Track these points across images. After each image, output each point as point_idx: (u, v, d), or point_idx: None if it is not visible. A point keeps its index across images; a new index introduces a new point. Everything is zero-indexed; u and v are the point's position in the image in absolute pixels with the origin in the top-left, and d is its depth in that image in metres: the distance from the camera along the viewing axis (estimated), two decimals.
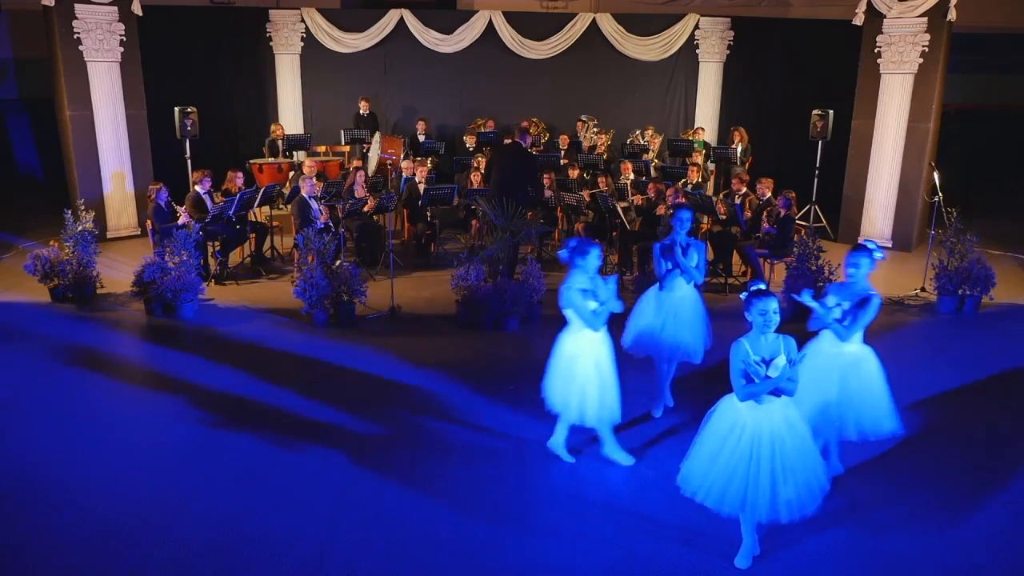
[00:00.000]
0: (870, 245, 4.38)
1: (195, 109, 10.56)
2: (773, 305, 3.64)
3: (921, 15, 9.84)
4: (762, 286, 3.75)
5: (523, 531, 4.13)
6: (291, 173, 11.73)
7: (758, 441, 3.63)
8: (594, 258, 4.60)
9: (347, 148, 12.51)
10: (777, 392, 3.66)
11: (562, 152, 11.78)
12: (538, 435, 5.13)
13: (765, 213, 8.55)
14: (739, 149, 11.55)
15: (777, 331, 3.67)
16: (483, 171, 9.92)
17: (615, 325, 4.82)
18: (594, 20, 13.39)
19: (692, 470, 3.82)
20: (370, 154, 12.64)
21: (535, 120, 13.03)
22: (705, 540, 4.03)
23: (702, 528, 4.08)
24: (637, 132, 12.53)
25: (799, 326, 4.52)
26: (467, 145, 12.16)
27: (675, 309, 5.29)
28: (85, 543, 3.96)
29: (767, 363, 3.62)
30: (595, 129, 12.58)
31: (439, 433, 5.21)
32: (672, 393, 5.64)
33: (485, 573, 3.82)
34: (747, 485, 3.62)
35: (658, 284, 5.39)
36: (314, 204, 8.62)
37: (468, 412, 5.52)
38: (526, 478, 4.68)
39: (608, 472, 4.74)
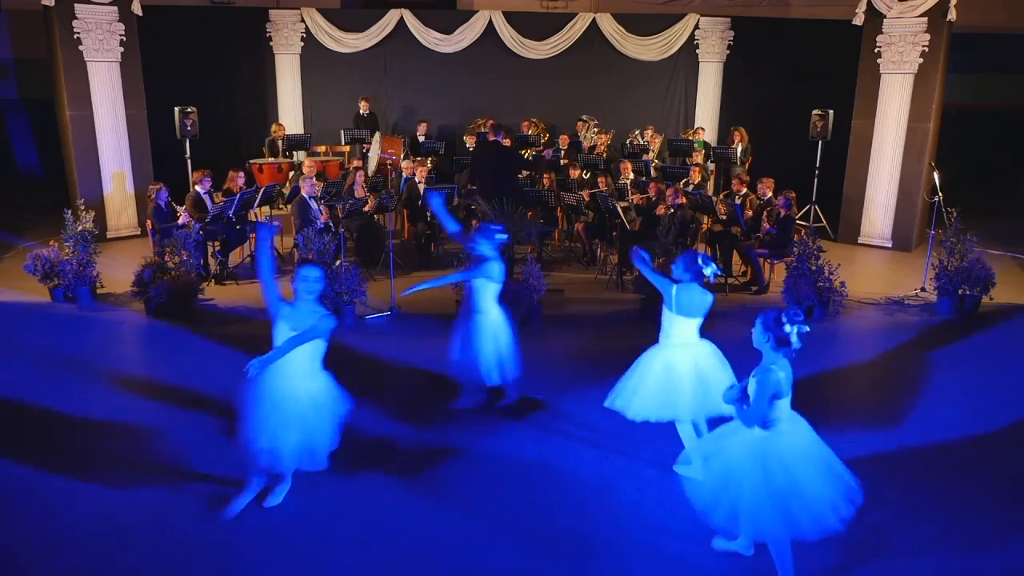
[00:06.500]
0: None
1: (195, 109, 10.56)
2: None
3: (921, 15, 9.84)
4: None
5: (524, 535, 4.13)
6: (291, 173, 11.73)
7: (772, 465, 3.46)
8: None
9: (347, 148, 12.51)
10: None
11: (562, 152, 11.77)
12: (538, 436, 5.14)
13: (765, 213, 8.55)
14: (739, 149, 11.54)
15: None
16: (468, 175, 9.89)
17: None
18: (594, 20, 13.39)
19: (701, 490, 3.67)
20: (370, 154, 12.64)
21: (535, 120, 13.03)
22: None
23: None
24: (637, 132, 12.52)
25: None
26: (467, 145, 12.16)
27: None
28: (85, 543, 3.96)
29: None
30: (595, 129, 12.57)
31: (439, 434, 5.20)
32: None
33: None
34: (759, 510, 3.47)
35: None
36: (314, 204, 8.62)
37: (468, 413, 5.51)
38: (527, 480, 4.67)
39: (613, 475, 4.74)
